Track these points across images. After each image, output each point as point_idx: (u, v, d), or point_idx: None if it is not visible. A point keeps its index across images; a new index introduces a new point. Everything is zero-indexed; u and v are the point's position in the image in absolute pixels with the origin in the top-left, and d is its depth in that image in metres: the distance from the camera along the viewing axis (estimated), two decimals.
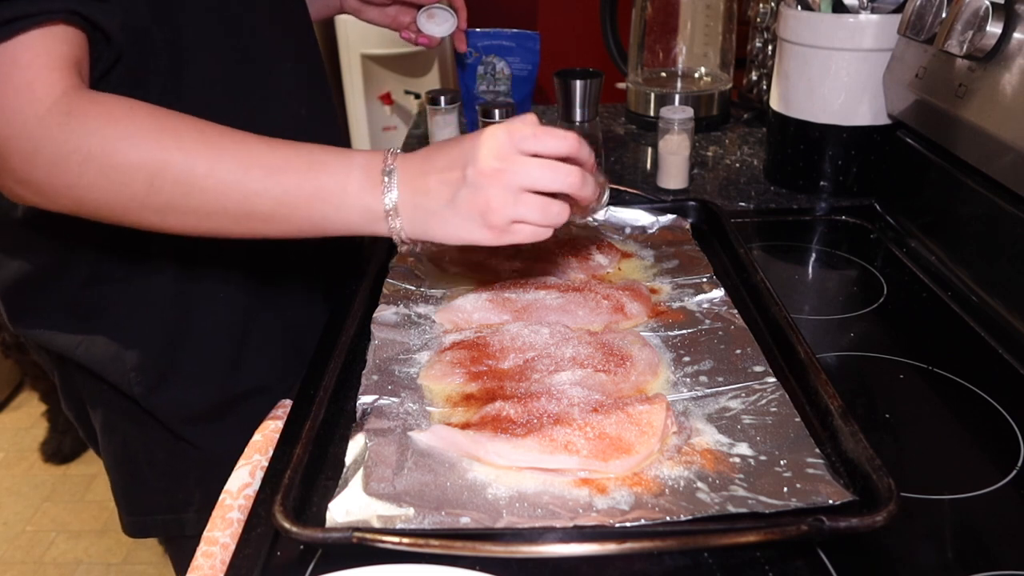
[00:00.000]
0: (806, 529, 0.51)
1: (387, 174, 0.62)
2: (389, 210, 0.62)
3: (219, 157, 0.60)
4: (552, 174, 0.60)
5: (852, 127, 1.08)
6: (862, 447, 0.57)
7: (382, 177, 0.62)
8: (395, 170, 0.62)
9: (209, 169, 0.60)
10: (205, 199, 0.61)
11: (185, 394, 0.82)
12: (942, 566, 0.55)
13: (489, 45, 1.26)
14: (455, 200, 0.61)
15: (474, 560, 0.52)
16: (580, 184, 0.61)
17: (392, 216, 0.62)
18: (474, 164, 0.60)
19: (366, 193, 0.62)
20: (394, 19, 1.07)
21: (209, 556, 0.65)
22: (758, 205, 1.12)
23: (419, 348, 0.74)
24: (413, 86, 2.56)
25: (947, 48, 0.85)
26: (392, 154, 0.63)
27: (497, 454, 0.59)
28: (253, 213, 0.62)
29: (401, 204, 0.62)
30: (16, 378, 2.55)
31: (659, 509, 0.54)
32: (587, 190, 0.63)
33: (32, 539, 2.00)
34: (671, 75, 1.49)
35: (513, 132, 0.60)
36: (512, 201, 0.60)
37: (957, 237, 0.91)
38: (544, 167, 0.60)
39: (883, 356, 0.77)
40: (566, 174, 0.61)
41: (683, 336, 0.75)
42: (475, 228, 0.61)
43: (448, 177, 0.61)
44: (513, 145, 0.60)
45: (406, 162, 0.63)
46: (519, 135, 0.60)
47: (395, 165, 0.62)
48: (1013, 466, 0.63)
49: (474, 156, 0.60)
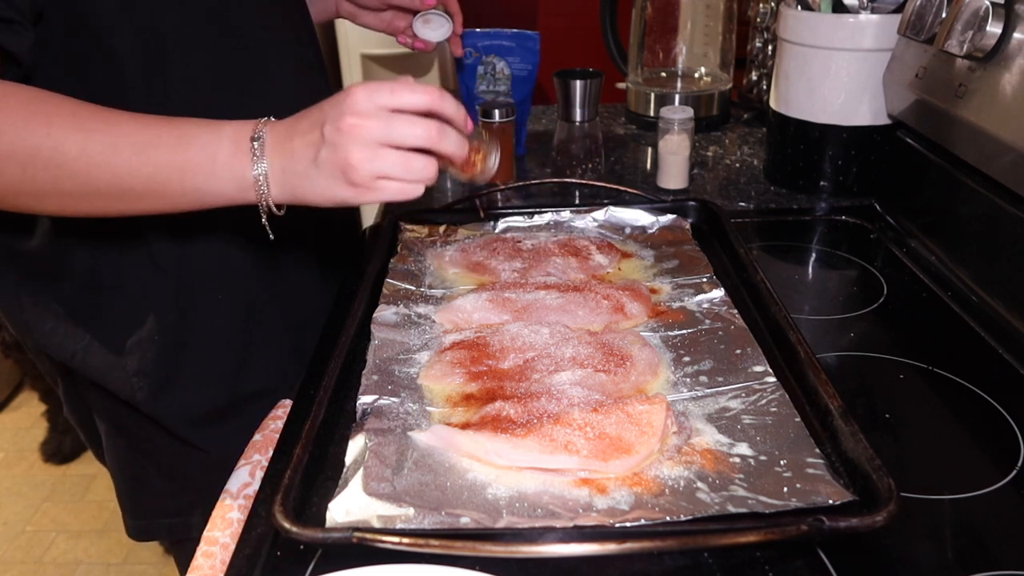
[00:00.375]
0: (806, 529, 0.51)
1: (255, 140, 0.62)
2: (258, 176, 0.62)
3: (88, 139, 0.60)
4: (406, 126, 0.60)
5: (852, 127, 1.08)
6: (862, 447, 0.57)
7: (251, 144, 0.62)
8: (263, 136, 0.62)
9: (79, 152, 0.60)
10: (77, 182, 0.61)
11: (188, 398, 0.82)
12: (942, 566, 0.55)
13: (489, 45, 1.26)
14: (318, 160, 0.61)
15: (474, 560, 0.52)
16: (438, 136, 0.61)
17: (261, 183, 0.62)
18: (332, 122, 0.60)
19: (235, 162, 0.62)
20: (389, 24, 1.07)
21: (209, 556, 0.65)
22: (758, 205, 1.12)
23: (419, 348, 0.74)
24: None
25: (947, 48, 0.85)
26: (263, 122, 0.63)
27: (497, 454, 0.59)
28: (127, 191, 0.62)
29: (270, 170, 0.62)
30: (16, 378, 2.55)
31: (659, 509, 0.54)
32: (447, 144, 0.62)
33: (32, 539, 2.00)
34: (671, 75, 1.49)
35: (370, 88, 0.60)
36: (371, 156, 0.60)
37: (957, 237, 0.91)
38: (397, 119, 0.60)
39: (883, 356, 0.77)
40: (422, 126, 0.61)
41: (683, 336, 0.75)
42: (338, 186, 0.61)
43: (310, 138, 0.61)
44: (370, 101, 0.60)
45: (275, 128, 0.63)
46: (375, 91, 0.60)
47: (264, 132, 0.63)
48: (1013, 466, 0.63)
49: (332, 114, 0.60)
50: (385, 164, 0.61)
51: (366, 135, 0.60)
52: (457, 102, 0.64)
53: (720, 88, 1.44)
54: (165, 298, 0.79)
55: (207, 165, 0.62)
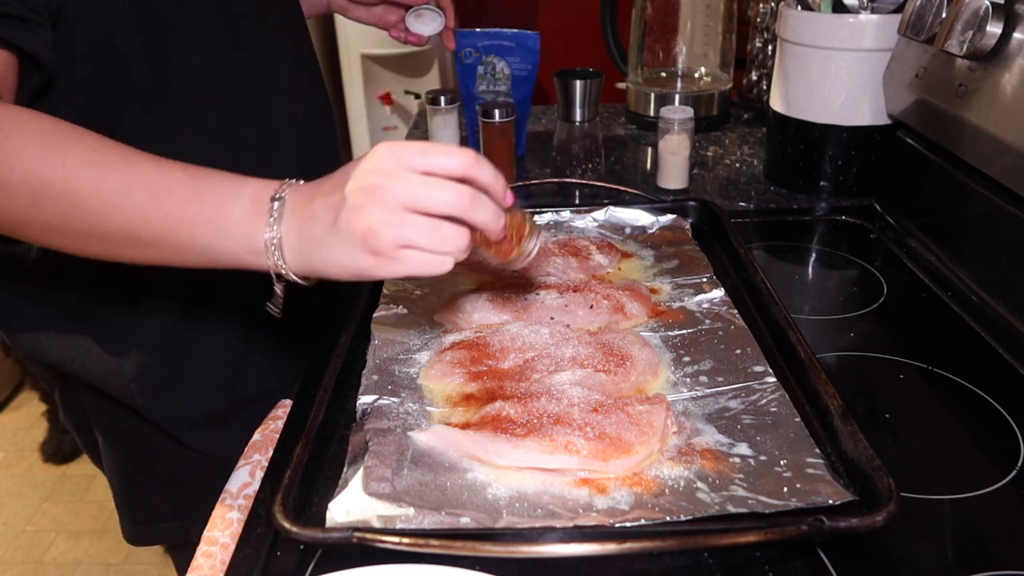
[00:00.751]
0: (806, 529, 0.51)
1: (276, 201, 0.57)
2: (270, 242, 0.57)
3: (103, 177, 0.57)
4: (435, 189, 0.54)
5: (852, 127, 1.08)
6: (862, 447, 0.57)
7: (270, 205, 0.57)
8: (285, 198, 0.57)
9: (92, 189, 0.56)
10: (87, 221, 0.57)
11: (188, 402, 0.82)
12: (942, 566, 0.55)
13: (489, 45, 1.26)
14: (337, 224, 0.55)
15: (474, 560, 0.52)
16: (470, 203, 0.55)
17: (274, 250, 0.57)
18: (355, 181, 0.54)
19: (250, 222, 0.57)
20: (380, 18, 1.06)
21: (209, 556, 0.65)
22: (758, 205, 1.12)
23: (419, 348, 0.74)
24: (413, 86, 2.56)
25: (947, 48, 0.85)
26: (288, 183, 0.58)
27: (497, 454, 0.59)
28: (136, 238, 0.58)
29: (286, 236, 0.57)
30: (16, 378, 2.55)
31: (659, 509, 0.54)
32: (481, 213, 0.56)
33: (32, 539, 2.00)
34: (671, 75, 1.49)
35: (399, 147, 0.55)
36: (395, 221, 0.53)
37: (957, 237, 0.91)
38: (426, 181, 0.54)
39: (883, 356, 0.77)
40: (452, 190, 0.54)
41: (683, 336, 0.75)
42: (358, 255, 0.55)
43: (331, 200, 0.55)
44: (397, 160, 0.54)
45: (298, 190, 0.58)
46: (405, 150, 0.55)
47: (286, 193, 0.57)
48: (1013, 466, 0.63)
49: (356, 174, 0.55)
50: (411, 231, 0.54)
51: (391, 197, 0.53)
52: (496, 170, 0.58)
53: (720, 88, 1.44)
54: (165, 303, 0.78)
55: (219, 222, 0.57)
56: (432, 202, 0.54)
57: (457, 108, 1.28)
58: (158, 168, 0.58)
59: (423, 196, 0.54)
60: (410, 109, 2.59)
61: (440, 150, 0.55)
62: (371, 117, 2.57)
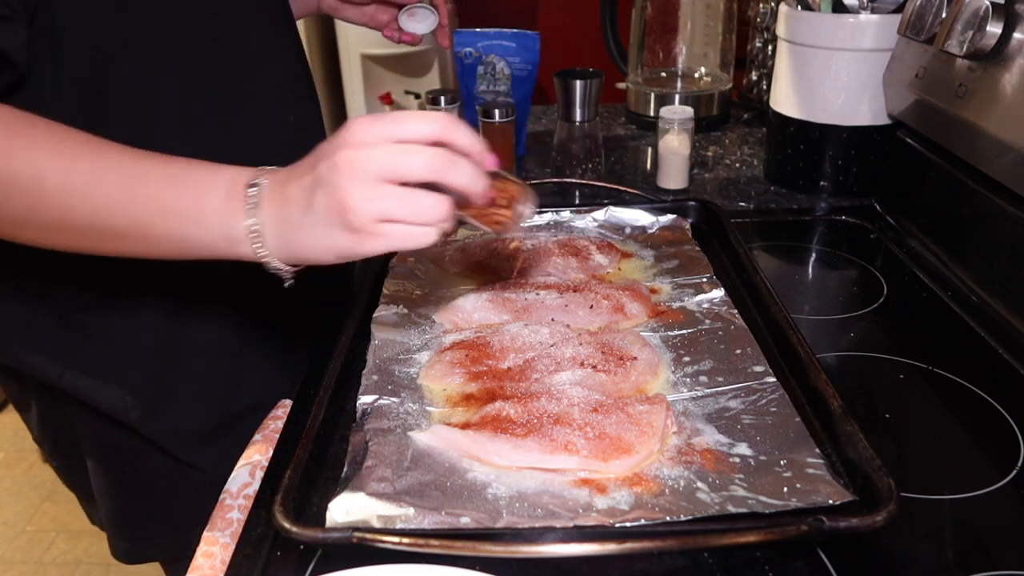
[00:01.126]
0: (806, 529, 0.51)
1: (252, 186, 0.55)
2: (249, 229, 0.55)
3: (71, 168, 0.55)
4: (408, 155, 0.52)
5: (852, 127, 1.08)
6: (862, 447, 0.57)
7: (246, 192, 0.55)
8: (262, 183, 0.55)
9: (59, 181, 0.55)
10: (56, 214, 0.56)
11: (182, 416, 0.80)
12: (942, 566, 0.55)
13: (489, 45, 1.26)
14: (312, 205, 0.53)
15: (474, 560, 0.52)
16: (446, 165, 0.52)
17: (255, 237, 0.55)
18: (327, 158, 0.52)
19: (227, 210, 0.55)
20: (372, 17, 1.06)
21: (209, 556, 0.65)
22: (758, 205, 1.12)
23: (419, 348, 0.74)
24: (413, 86, 2.56)
25: (947, 48, 0.85)
26: (266, 169, 0.56)
27: (497, 454, 0.59)
28: (107, 230, 0.56)
29: (265, 223, 0.55)
30: None
31: (659, 509, 0.54)
32: (458, 175, 0.53)
33: (32, 539, 2.00)
34: (671, 75, 1.49)
35: (369, 118, 0.53)
36: (370, 194, 0.51)
37: (957, 237, 0.91)
38: (398, 148, 0.52)
39: (883, 356, 0.77)
40: (426, 154, 0.52)
41: (683, 336, 0.75)
42: (337, 233, 0.53)
43: (305, 180, 0.53)
44: (369, 131, 0.52)
45: (275, 175, 0.55)
46: (375, 120, 0.53)
47: (263, 179, 0.55)
48: (1013, 466, 0.63)
49: (327, 150, 0.53)
50: (387, 203, 0.52)
51: (364, 168, 0.51)
52: (474, 133, 0.55)
53: (720, 88, 1.44)
54: (156, 315, 0.76)
55: (195, 211, 0.55)
56: (406, 168, 0.52)
57: (457, 108, 1.28)
58: (129, 157, 0.57)
59: (396, 164, 0.52)
60: (410, 109, 2.59)
61: (412, 116, 0.53)
62: None
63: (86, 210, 0.56)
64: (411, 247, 0.54)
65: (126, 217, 0.56)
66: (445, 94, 1.26)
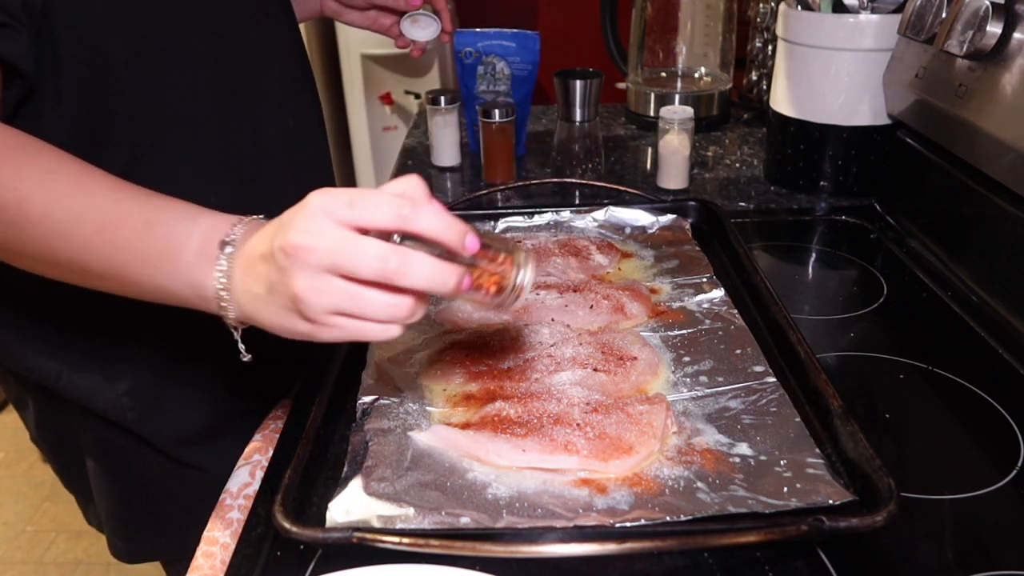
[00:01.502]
0: (806, 529, 0.51)
1: (226, 246, 0.52)
2: (220, 296, 0.53)
3: (53, 203, 0.53)
4: (354, 251, 0.46)
5: (852, 127, 1.08)
6: (862, 447, 0.57)
7: (219, 252, 0.52)
8: (236, 243, 0.52)
9: (41, 216, 0.53)
10: (39, 247, 0.55)
11: (181, 417, 0.80)
12: (942, 566, 0.55)
13: (489, 45, 1.26)
14: (271, 284, 0.50)
15: (474, 560, 0.52)
16: (399, 269, 0.47)
17: (223, 304, 0.53)
18: (280, 239, 0.48)
19: (198, 269, 0.53)
20: (374, 21, 1.06)
21: (209, 556, 0.65)
22: (758, 205, 1.12)
23: (419, 348, 0.74)
24: (413, 86, 2.56)
25: (947, 48, 0.85)
26: (242, 222, 0.53)
27: (497, 454, 0.59)
28: (87, 269, 0.55)
29: (235, 290, 0.52)
30: None
31: (659, 509, 0.54)
32: (416, 278, 0.47)
33: (32, 539, 2.00)
34: (671, 75, 1.49)
35: (327, 197, 0.48)
36: (320, 287, 0.47)
37: (957, 237, 0.91)
38: (346, 241, 0.47)
39: (883, 356, 0.77)
40: (374, 253, 0.46)
41: (683, 336, 0.75)
42: (294, 319, 0.50)
43: (267, 255, 0.50)
44: (323, 215, 0.47)
45: (248, 236, 0.52)
46: (331, 201, 0.47)
47: (237, 236, 0.52)
48: (1013, 466, 0.63)
49: (283, 229, 0.48)
50: (336, 298, 0.48)
51: (311, 260, 0.47)
52: (449, 215, 0.48)
53: (720, 88, 1.44)
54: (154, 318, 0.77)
55: (167, 263, 0.53)
56: (352, 266, 0.47)
57: (457, 108, 1.28)
58: (112, 197, 0.54)
59: (343, 261, 0.47)
60: (410, 109, 2.58)
61: (370, 199, 0.47)
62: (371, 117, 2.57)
63: (65, 248, 0.54)
64: (369, 340, 0.51)
65: (104, 261, 0.55)
66: (445, 94, 1.26)
